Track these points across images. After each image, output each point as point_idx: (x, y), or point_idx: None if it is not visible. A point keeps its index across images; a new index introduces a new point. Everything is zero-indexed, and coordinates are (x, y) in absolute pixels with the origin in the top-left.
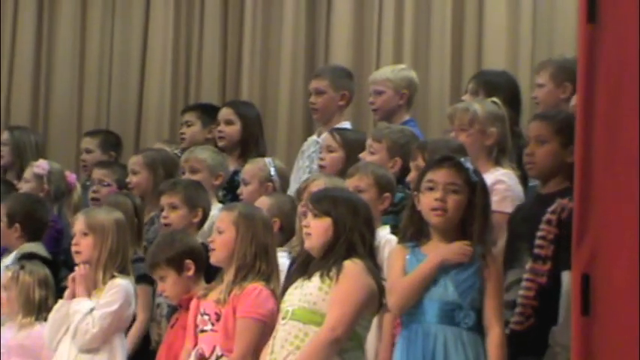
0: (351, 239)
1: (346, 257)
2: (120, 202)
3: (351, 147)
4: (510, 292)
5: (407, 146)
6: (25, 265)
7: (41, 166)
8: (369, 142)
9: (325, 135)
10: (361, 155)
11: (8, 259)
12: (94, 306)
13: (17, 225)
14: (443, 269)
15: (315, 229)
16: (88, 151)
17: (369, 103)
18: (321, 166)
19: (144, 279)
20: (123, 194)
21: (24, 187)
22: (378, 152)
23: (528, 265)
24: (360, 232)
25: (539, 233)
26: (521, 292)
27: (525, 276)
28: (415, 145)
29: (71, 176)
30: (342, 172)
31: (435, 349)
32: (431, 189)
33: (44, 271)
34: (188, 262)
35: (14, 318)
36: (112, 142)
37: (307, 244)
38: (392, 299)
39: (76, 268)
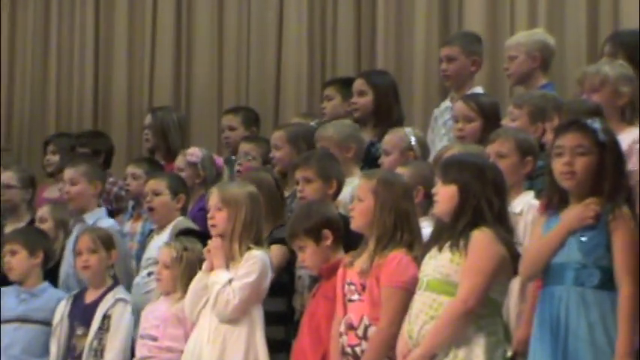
0: (477, 206)
1: (474, 225)
2: (261, 177)
3: (487, 112)
4: None
5: (548, 111)
6: (188, 246)
7: (194, 154)
8: (509, 108)
9: (458, 103)
10: (503, 122)
11: (164, 235)
12: (232, 277)
13: (181, 195)
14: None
15: (442, 196)
16: (231, 128)
17: (504, 69)
18: (460, 137)
19: (277, 241)
20: (263, 169)
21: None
22: (519, 118)
23: None
24: (487, 198)
25: None
26: None
27: None
28: (551, 106)
29: (219, 159)
30: (481, 139)
31: (559, 311)
32: (559, 154)
33: (201, 249)
34: (326, 231)
35: (172, 294)
36: (253, 118)
37: (436, 211)
38: (521, 268)
39: (210, 240)
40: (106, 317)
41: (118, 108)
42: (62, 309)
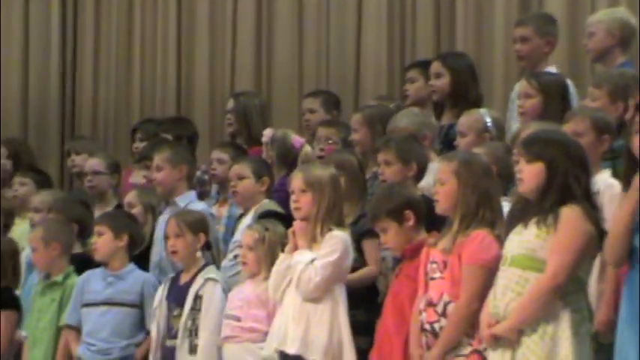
0: (565, 182)
1: (562, 202)
2: (345, 159)
3: (548, 90)
4: None
5: (628, 89)
6: (269, 227)
7: (266, 134)
8: (589, 89)
9: (521, 81)
10: (583, 103)
11: (247, 219)
12: (315, 257)
13: (265, 179)
14: None
15: (528, 174)
16: (312, 111)
17: (582, 45)
18: (520, 114)
19: (370, 233)
20: (347, 151)
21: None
22: (599, 99)
23: None
24: (574, 174)
25: None
26: None
27: None
28: (632, 82)
29: (297, 140)
30: (543, 115)
31: None
32: None
33: (283, 230)
34: (408, 212)
35: (256, 276)
36: (333, 102)
37: (520, 189)
38: (606, 253)
39: (294, 223)
40: (197, 297)
41: (200, 94)
42: (161, 292)
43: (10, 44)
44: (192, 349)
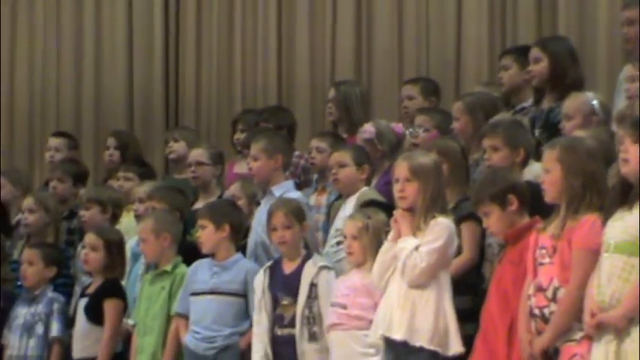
0: None
1: None
2: (448, 145)
3: None
4: None
5: None
6: (371, 215)
7: (367, 130)
8: None
9: (628, 66)
10: None
11: (349, 206)
12: (419, 243)
13: (366, 166)
14: None
15: (634, 154)
16: (410, 98)
17: None
18: (628, 97)
19: (470, 217)
20: (451, 138)
21: None
22: None
23: None
24: None
25: None
26: None
27: None
28: None
29: (398, 127)
30: None
31: None
32: None
33: (386, 218)
34: (511, 196)
35: (362, 265)
36: (432, 88)
37: (624, 170)
38: None
39: (395, 211)
40: (312, 285)
41: (301, 83)
42: (261, 281)
43: (114, 40)
44: (312, 337)
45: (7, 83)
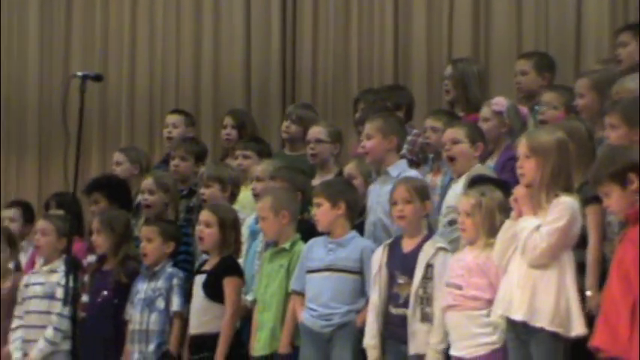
0: None
1: None
2: (572, 126)
3: None
4: None
5: None
6: (485, 192)
7: (499, 103)
8: None
9: None
10: None
11: (459, 185)
12: (540, 223)
13: (480, 144)
14: None
15: None
16: (523, 73)
17: None
18: None
19: (593, 200)
20: (577, 119)
21: (484, 125)
22: None
23: None
24: None
25: None
26: None
27: None
28: None
29: (523, 109)
30: None
31: None
32: None
33: (501, 196)
34: (631, 175)
35: (476, 242)
36: (546, 63)
37: None
38: None
39: (514, 189)
40: (429, 266)
41: (417, 61)
42: (379, 258)
43: (232, 19)
44: (424, 317)
45: (128, 65)
